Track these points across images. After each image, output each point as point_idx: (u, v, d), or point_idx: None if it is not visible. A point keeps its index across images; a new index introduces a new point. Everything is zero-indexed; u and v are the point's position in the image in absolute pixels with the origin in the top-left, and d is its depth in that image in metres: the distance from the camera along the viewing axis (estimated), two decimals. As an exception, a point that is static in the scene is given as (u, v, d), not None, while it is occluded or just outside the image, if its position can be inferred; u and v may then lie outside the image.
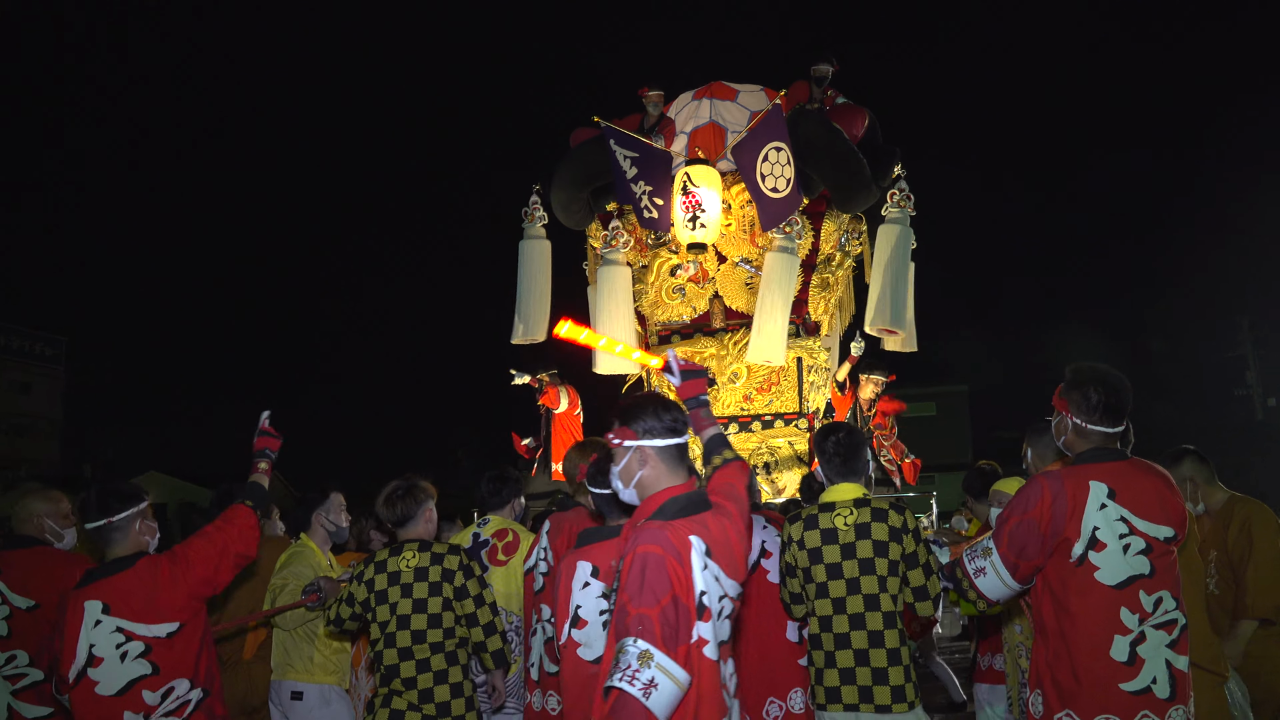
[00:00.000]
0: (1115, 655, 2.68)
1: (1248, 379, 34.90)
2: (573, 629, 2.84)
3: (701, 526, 2.30)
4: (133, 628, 3.00)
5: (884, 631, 3.20)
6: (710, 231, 7.40)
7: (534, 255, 8.30)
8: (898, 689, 3.15)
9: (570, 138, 8.31)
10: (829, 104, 7.97)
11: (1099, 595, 2.71)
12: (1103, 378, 2.87)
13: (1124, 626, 2.69)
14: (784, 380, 7.83)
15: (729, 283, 7.88)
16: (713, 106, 7.92)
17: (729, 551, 2.34)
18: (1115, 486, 2.76)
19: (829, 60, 7.81)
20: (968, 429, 33.63)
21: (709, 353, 7.87)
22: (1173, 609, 2.73)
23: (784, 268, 7.22)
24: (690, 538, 2.25)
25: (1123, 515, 2.74)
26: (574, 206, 8.08)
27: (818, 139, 7.27)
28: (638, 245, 8.11)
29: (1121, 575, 2.71)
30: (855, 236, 8.14)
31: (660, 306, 8.08)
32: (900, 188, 7.60)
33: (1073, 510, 2.74)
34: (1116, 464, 2.82)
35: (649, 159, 7.46)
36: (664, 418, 2.43)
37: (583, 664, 2.84)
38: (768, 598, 3.63)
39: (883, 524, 3.24)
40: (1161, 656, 2.69)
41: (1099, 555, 2.72)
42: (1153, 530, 2.74)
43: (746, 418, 7.78)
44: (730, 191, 7.72)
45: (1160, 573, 2.74)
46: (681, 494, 2.38)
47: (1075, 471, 2.81)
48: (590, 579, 2.89)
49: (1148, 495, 2.77)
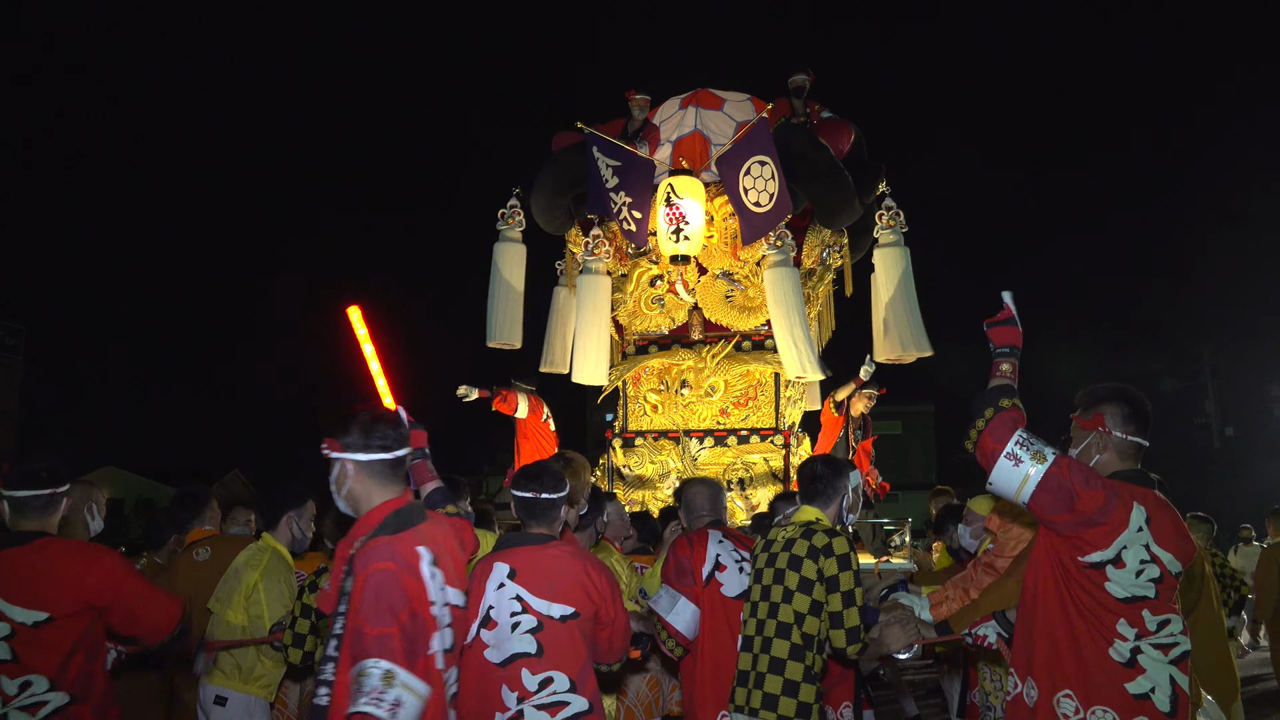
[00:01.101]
0: (1114, 655, 2.69)
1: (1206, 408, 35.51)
2: (482, 629, 2.88)
3: (424, 536, 2.38)
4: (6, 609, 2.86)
5: (783, 642, 3.25)
6: (694, 244, 7.32)
7: (508, 259, 8.18)
8: (804, 705, 3.20)
9: (552, 142, 8.21)
10: (814, 118, 7.93)
11: (1102, 602, 2.72)
12: (1127, 390, 2.91)
13: (1121, 635, 2.70)
14: (760, 395, 7.75)
15: (708, 295, 7.79)
16: (698, 115, 7.84)
17: (449, 559, 2.44)
18: (1151, 513, 2.74)
19: (804, 70, 7.79)
20: (934, 448, 33.91)
21: (686, 365, 7.77)
22: (1179, 633, 2.73)
23: (787, 281, 7.20)
24: (418, 548, 2.33)
25: (1148, 543, 2.72)
26: (555, 212, 7.97)
27: (803, 154, 7.22)
28: (618, 254, 8.01)
29: (1127, 594, 2.71)
30: (836, 250, 8.10)
31: (639, 317, 7.97)
32: (888, 206, 7.59)
33: (1114, 522, 2.70)
34: (1149, 491, 2.81)
35: (631, 168, 7.36)
36: (372, 434, 2.44)
37: (487, 665, 2.88)
38: (720, 611, 3.67)
39: (806, 541, 3.29)
40: (1165, 672, 2.69)
41: (1115, 570, 2.72)
42: (1166, 560, 2.73)
43: (722, 432, 7.68)
44: (713, 204, 7.64)
45: (1163, 599, 2.73)
46: (402, 506, 2.42)
47: (1125, 488, 2.75)
48: (506, 580, 2.94)
49: (1170, 529, 2.77)
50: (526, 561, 2.98)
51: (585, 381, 7.70)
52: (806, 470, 3.51)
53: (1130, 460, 2.88)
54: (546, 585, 2.94)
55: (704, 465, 7.58)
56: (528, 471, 3.16)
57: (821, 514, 3.42)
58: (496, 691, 2.85)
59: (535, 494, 3.08)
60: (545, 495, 3.08)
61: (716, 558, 3.72)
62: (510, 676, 2.86)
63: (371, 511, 2.42)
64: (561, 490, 3.12)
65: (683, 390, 7.79)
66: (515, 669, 2.87)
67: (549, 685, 2.87)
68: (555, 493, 3.10)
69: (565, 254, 8.50)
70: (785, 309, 7.13)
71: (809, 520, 3.38)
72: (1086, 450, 2.93)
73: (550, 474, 3.14)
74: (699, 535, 3.82)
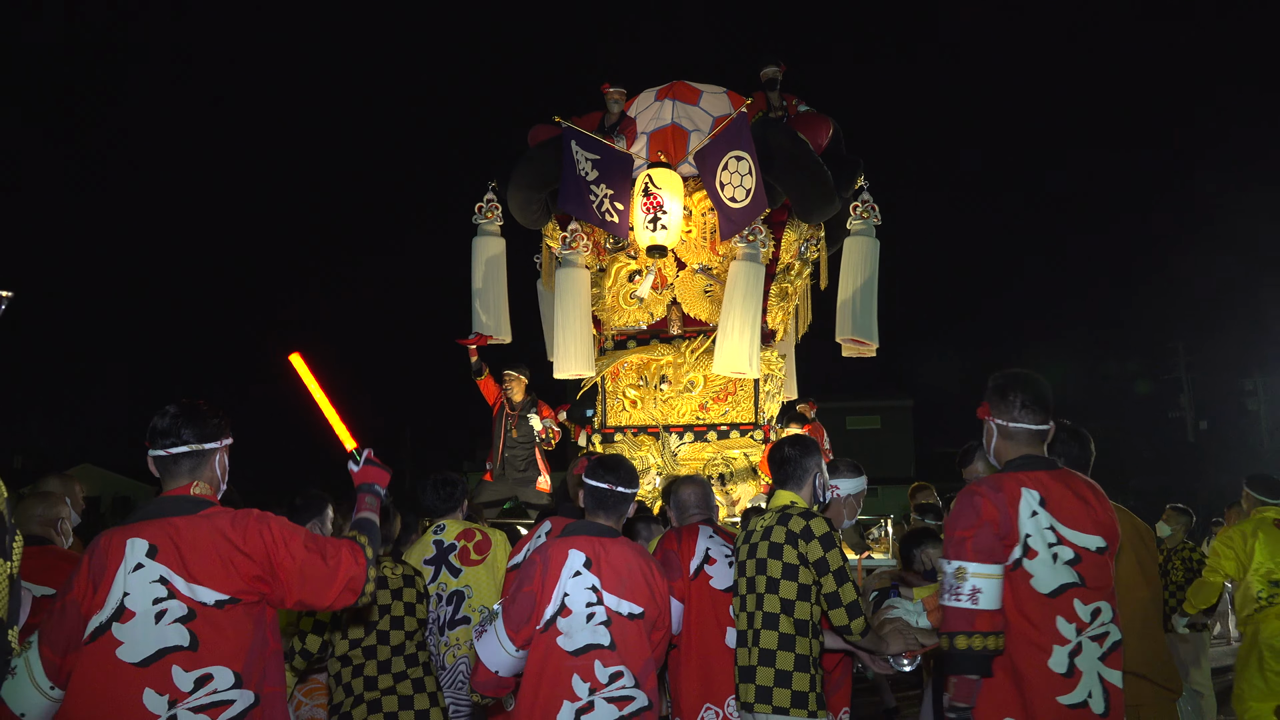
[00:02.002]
0: (1054, 667, 2.63)
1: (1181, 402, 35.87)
2: (558, 616, 2.90)
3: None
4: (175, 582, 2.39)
5: (771, 633, 3.20)
6: (671, 234, 7.27)
7: (489, 252, 8.12)
8: (800, 694, 3.13)
9: (529, 135, 8.14)
10: (792, 112, 7.90)
11: (1036, 603, 2.67)
12: (1019, 376, 2.88)
13: (1062, 637, 2.65)
14: (740, 390, 7.73)
15: (687, 290, 7.76)
16: (675, 108, 7.79)
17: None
18: (1045, 494, 2.72)
19: (774, 62, 7.74)
20: (911, 443, 34.03)
21: (665, 360, 7.74)
22: (1108, 621, 2.70)
23: (750, 276, 7.12)
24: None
25: (1052, 524, 2.70)
26: (531, 207, 7.91)
27: (782, 149, 7.18)
28: (595, 249, 7.96)
29: (1054, 584, 2.68)
30: (814, 244, 8.09)
31: (617, 312, 7.93)
32: (864, 199, 7.58)
33: (1010, 517, 2.71)
34: (1045, 472, 2.78)
35: (610, 161, 7.31)
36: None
37: (557, 652, 2.88)
38: (709, 603, 3.66)
39: (783, 527, 3.25)
40: (1095, 670, 2.65)
41: (1031, 563, 2.69)
42: (1081, 540, 2.70)
43: (702, 427, 7.66)
44: (692, 198, 7.60)
45: (1092, 583, 2.69)
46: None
47: (1006, 478, 2.77)
48: (582, 569, 2.95)
49: (1074, 504, 2.73)
50: (600, 553, 3.00)
51: (569, 375, 7.63)
52: (775, 455, 3.49)
53: (1027, 445, 2.84)
54: (618, 581, 2.97)
55: (684, 461, 7.56)
56: (605, 462, 3.19)
57: (796, 496, 3.38)
58: (568, 680, 2.87)
59: (612, 485, 3.10)
60: (620, 489, 3.11)
61: (706, 551, 3.73)
62: (583, 666, 2.89)
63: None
64: (635, 487, 3.16)
65: (662, 385, 7.76)
66: (589, 659, 2.89)
67: (619, 680, 2.90)
68: (630, 488, 3.13)
69: (542, 248, 8.45)
70: (740, 302, 7.05)
71: (784, 505, 3.35)
72: (986, 439, 2.94)
73: (627, 469, 3.17)
74: (689, 530, 3.82)
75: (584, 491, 3.18)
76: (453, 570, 4.22)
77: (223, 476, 2.66)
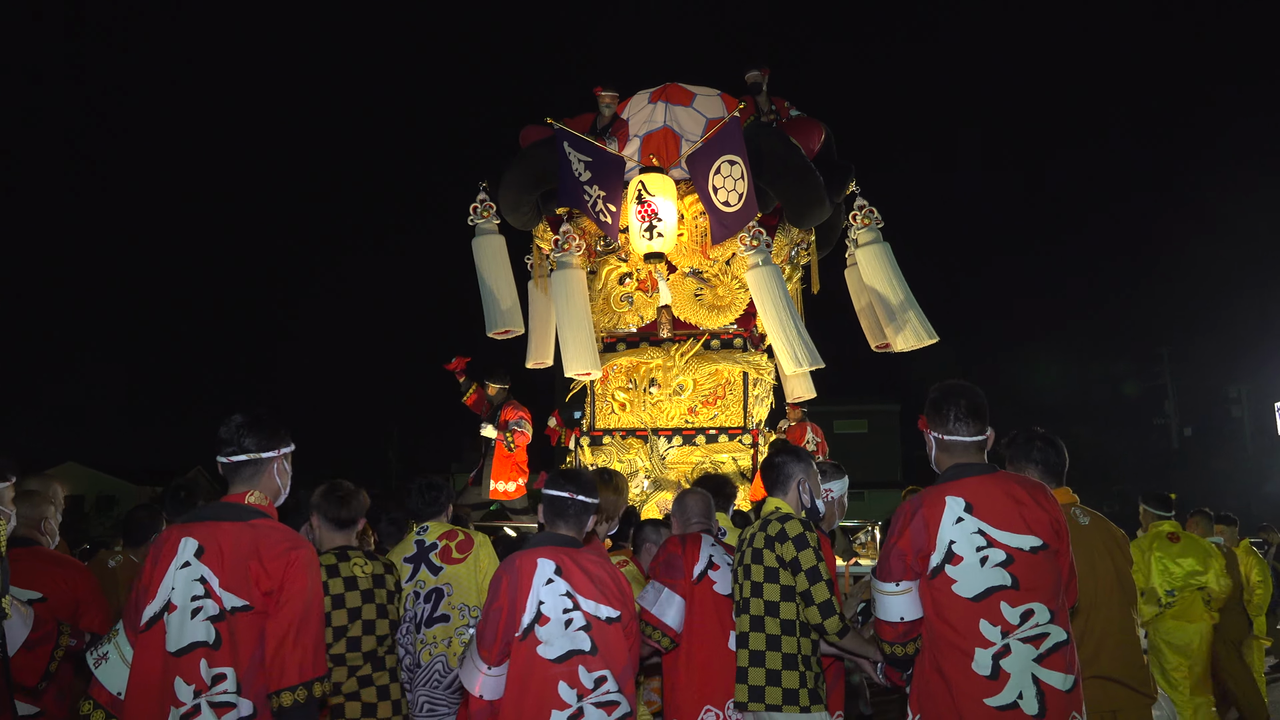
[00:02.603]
0: (978, 669, 2.67)
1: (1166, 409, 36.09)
2: (535, 625, 2.91)
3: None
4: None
5: (759, 635, 3.33)
6: (667, 241, 7.28)
7: (492, 250, 8.07)
8: (790, 691, 3.23)
9: (520, 136, 8.12)
10: (784, 116, 7.91)
11: (958, 608, 2.72)
12: (952, 388, 2.95)
13: (984, 639, 2.68)
14: (729, 394, 7.72)
15: (678, 293, 7.75)
16: (668, 111, 7.78)
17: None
18: (973, 500, 2.78)
19: (757, 67, 7.77)
20: (898, 447, 34.15)
21: (655, 363, 7.72)
22: (1045, 622, 2.70)
23: (770, 279, 7.19)
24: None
25: (980, 528, 2.75)
26: (523, 208, 7.89)
27: (774, 153, 7.19)
28: (586, 251, 7.94)
29: (979, 588, 2.71)
30: (805, 248, 8.10)
31: (607, 314, 7.92)
32: (860, 205, 7.60)
33: (930, 527, 2.78)
34: (977, 478, 2.83)
35: (602, 164, 7.30)
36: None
37: (539, 661, 2.89)
38: (712, 607, 3.73)
39: (763, 533, 3.38)
40: (1028, 671, 2.66)
41: (955, 568, 2.74)
42: (1014, 541, 2.74)
43: (691, 431, 7.64)
44: (684, 201, 7.59)
45: (1027, 585, 2.71)
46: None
47: (934, 490, 2.86)
48: (554, 576, 2.96)
49: (1006, 506, 2.78)
50: (567, 560, 3.01)
51: (578, 374, 7.59)
52: (765, 462, 3.64)
53: (962, 455, 2.89)
54: (591, 586, 2.99)
55: (672, 464, 7.54)
56: (565, 473, 3.20)
57: (782, 502, 3.49)
58: (554, 688, 2.87)
59: (572, 495, 3.11)
60: (581, 498, 3.11)
61: (710, 557, 3.81)
62: (568, 673, 2.89)
63: None
64: (594, 497, 3.16)
65: (651, 389, 7.74)
66: (573, 665, 2.90)
67: (603, 684, 2.91)
68: (590, 497, 3.14)
69: (532, 249, 8.42)
70: (774, 307, 7.14)
71: (769, 511, 3.47)
72: (928, 450, 3.01)
73: (586, 479, 3.19)
74: (692, 537, 3.89)
75: (544, 502, 3.17)
76: (432, 568, 4.24)
77: (284, 484, 2.79)
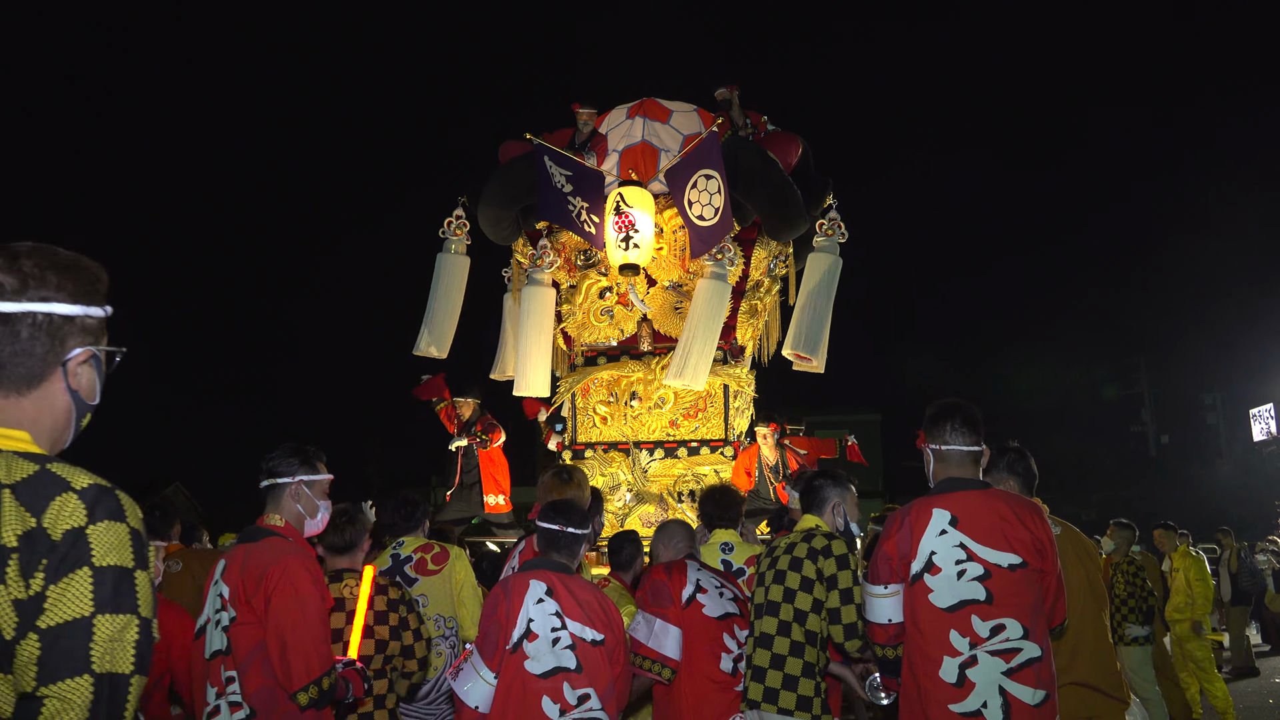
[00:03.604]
0: (944, 676, 2.76)
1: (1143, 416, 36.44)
2: (524, 640, 3.04)
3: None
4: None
5: (784, 640, 3.45)
6: (643, 253, 7.30)
7: (453, 270, 8.10)
8: (804, 699, 3.36)
9: (499, 152, 8.13)
10: (761, 130, 7.96)
11: (931, 616, 2.81)
12: (950, 404, 3.06)
13: (953, 649, 2.76)
14: (710, 407, 7.76)
15: (658, 306, 7.77)
16: (645, 126, 7.82)
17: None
18: (958, 514, 2.86)
19: (725, 84, 7.80)
20: (880, 457, 34.26)
21: (636, 376, 7.74)
22: (1018, 638, 2.76)
23: (715, 295, 7.16)
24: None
25: (963, 541, 2.83)
26: (503, 223, 7.90)
27: (751, 168, 7.23)
28: (566, 265, 7.97)
29: (953, 599, 2.80)
30: (783, 260, 8.15)
31: (587, 328, 7.93)
32: (831, 217, 7.64)
33: (914, 535, 2.89)
34: (966, 493, 2.92)
35: (583, 178, 7.32)
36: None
37: (525, 675, 3.01)
38: (701, 631, 3.80)
39: (806, 544, 3.52)
40: (995, 683, 2.73)
41: (933, 579, 2.83)
42: (993, 557, 2.80)
43: (672, 444, 7.66)
44: (663, 215, 7.63)
45: (1002, 600, 2.78)
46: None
47: (924, 500, 2.97)
48: (544, 596, 3.10)
49: (990, 522, 2.85)
50: (559, 584, 3.16)
51: (528, 394, 7.65)
52: (805, 485, 3.87)
53: (958, 468, 2.99)
54: (579, 609, 3.12)
55: (654, 477, 7.56)
56: (556, 506, 3.36)
57: (820, 520, 3.68)
58: (537, 701, 2.99)
59: (562, 527, 3.26)
60: (571, 530, 3.27)
61: (697, 582, 3.87)
62: (552, 689, 3.01)
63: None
64: (585, 528, 3.32)
65: (632, 402, 7.76)
66: (558, 681, 3.02)
67: (586, 701, 3.04)
68: (580, 529, 3.30)
69: (512, 263, 8.44)
70: (702, 319, 7.08)
71: (809, 527, 3.64)
72: (926, 465, 3.12)
73: (577, 511, 3.35)
74: (677, 565, 3.95)
75: (537, 534, 3.34)
76: (408, 580, 4.33)
77: (307, 509, 3.03)
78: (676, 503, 7.43)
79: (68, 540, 1.29)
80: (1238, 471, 27.95)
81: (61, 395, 1.46)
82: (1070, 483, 26.24)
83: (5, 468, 1.33)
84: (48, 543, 1.28)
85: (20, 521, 1.29)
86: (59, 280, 1.44)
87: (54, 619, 1.26)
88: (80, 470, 1.37)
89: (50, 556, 1.28)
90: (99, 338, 1.50)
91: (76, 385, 1.47)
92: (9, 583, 1.26)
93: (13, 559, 1.27)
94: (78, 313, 1.45)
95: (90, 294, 1.48)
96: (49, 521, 1.29)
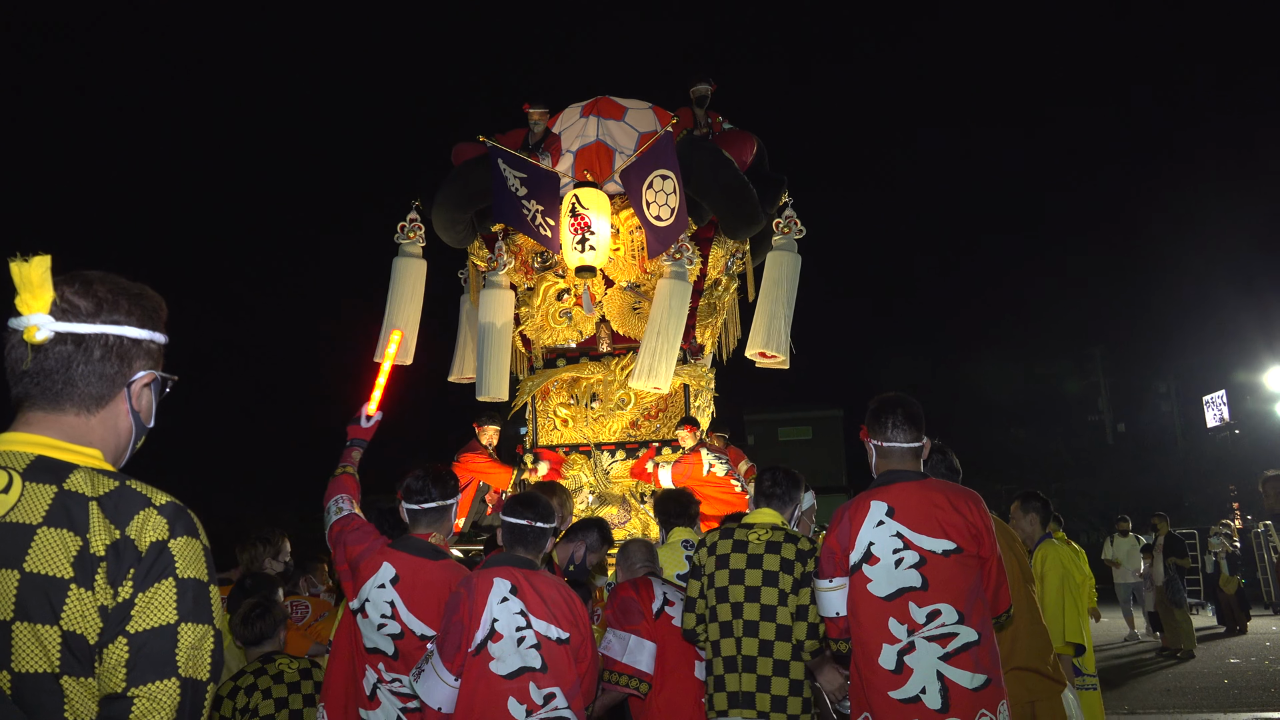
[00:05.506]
0: (883, 663, 2.84)
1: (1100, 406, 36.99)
2: (489, 641, 3.00)
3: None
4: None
5: (775, 643, 3.39)
6: (599, 254, 7.26)
7: (409, 274, 8.01)
8: (778, 699, 3.34)
9: (452, 154, 8.07)
10: (716, 129, 7.97)
11: (870, 605, 2.90)
12: (891, 399, 3.13)
13: (892, 636, 2.84)
14: (671, 406, 7.75)
15: (615, 307, 7.75)
16: (600, 125, 7.78)
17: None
18: (895, 504, 2.95)
19: (706, 80, 7.81)
20: (843, 452, 34.55)
21: (595, 378, 7.71)
22: (953, 623, 2.83)
23: (676, 294, 7.14)
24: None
25: (899, 531, 2.91)
26: (457, 227, 7.84)
27: (706, 167, 7.23)
28: (523, 268, 7.91)
29: (891, 588, 2.87)
30: (739, 258, 8.15)
31: (546, 330, 7.89)
32: (787, 214, 7.66)
33: (853, 527, 2.97)
34: (904, 484, 3.01)
35: (537, 181, 7.28)
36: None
37: (489, 677, 2.98)
38: (674, 640, 3.82)
39: (793, 545, 3.48)
40: (933, 668, 2.80)
41: (871, 568, 2.91)
42: (928, 544, 2.89)
43: (633, 444, 7.64)
44: (619, 215, 7.60)
45: (937, 586, 2.86)
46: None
47: (863, 494, 3.06)
48: (509, 595, 3.06)
49: (924, 511, 2.94)
50: (523, 581, 3.11)
51: (488, 398, 7.60)
52: (768, 478, 3.78)
53: (899, 461, 3.07)
54: (543, 607, 3.08)
55: (616, 478, 7.53)
56: (523, 499, 3.33)
57: (780, 518, 3.66)
58: (503, 703, 2.96)
59: (530, 521, 3.23)
60: (538, 524, 3.23)
61: (664, 594, 3.88)
62: (518, 689, 2.98)
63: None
64: (552, 522, 3.28)
65: (593, 404, 7.73)
66: (523, 682, 2.98)
67: (552, 700, 3.00)
68: (547, 523, 3.25)
69: (468, 266, 8.37)
70: (665, 320, 7.09)
71: (774, 523, 3.61)
72: (869, 458, 3.19)
73: (543, 505, 3.30)
74: (642, 580, 3.95)
75: (502, 527, 3.29)
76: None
77: (446, 527, 3.49)
78: (639, 504, 7.42)
79: (153, 552, 1.38)
80: (1193, 458, 28.50)
81: (125, 416, 1.55)
82: (1031, 474, 26.58)
83: (89, 482, 1.41)
84: (134, 553, 1.37)
85: (107, 533, 1.37)
86: (129, 306, 1.54)
87: (143, 624, 1.35)
88: (155, 488, 1.46)
89: (138, 566, 1.37)
90: (159, 362, 1.60)
91: (138, 406, 1.56)
92: (97, 590, 1.35)
93: (101, 567, 1.36)
94: (144, 337, 1.55)
95: (154, 320, 1.58)
96: (134, 533, 1.38)
